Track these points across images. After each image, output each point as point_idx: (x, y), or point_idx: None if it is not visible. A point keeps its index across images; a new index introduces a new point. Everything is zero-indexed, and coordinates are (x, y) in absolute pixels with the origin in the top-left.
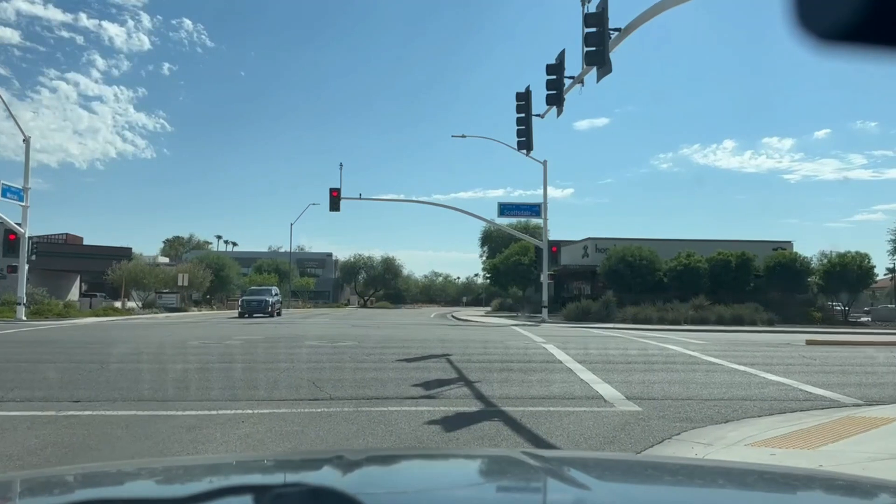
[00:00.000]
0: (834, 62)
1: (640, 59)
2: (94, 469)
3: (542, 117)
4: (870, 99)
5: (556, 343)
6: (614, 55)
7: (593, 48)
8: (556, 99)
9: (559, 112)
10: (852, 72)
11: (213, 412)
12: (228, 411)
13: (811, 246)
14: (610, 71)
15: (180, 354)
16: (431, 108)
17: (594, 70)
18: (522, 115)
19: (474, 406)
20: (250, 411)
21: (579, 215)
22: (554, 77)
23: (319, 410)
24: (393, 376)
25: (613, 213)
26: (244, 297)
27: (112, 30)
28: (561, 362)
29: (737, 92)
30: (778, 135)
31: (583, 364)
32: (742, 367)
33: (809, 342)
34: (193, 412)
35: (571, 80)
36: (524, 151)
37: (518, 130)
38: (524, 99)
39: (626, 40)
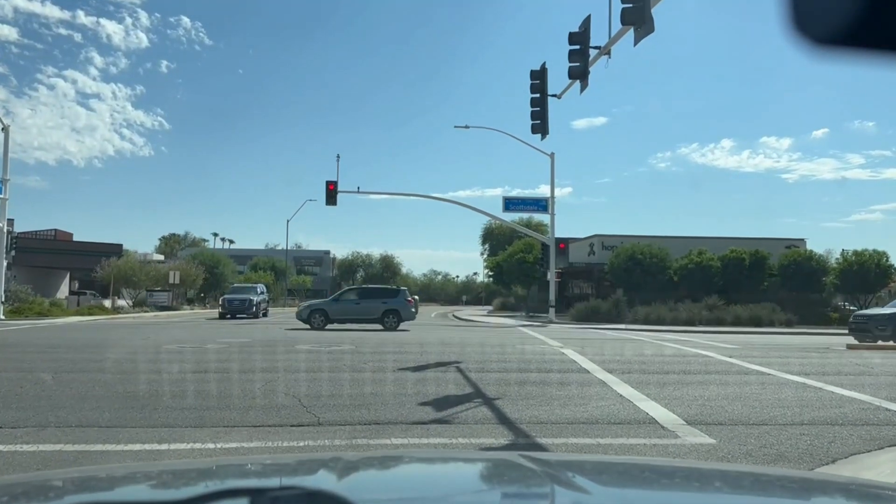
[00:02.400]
0: (830, 66)
1: (638, 58)
2: (90, 473)
3: (560, 97)
4: (868, 99)
5: (573, 347)
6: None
7: (631, 4)
8: (579, 72)
9: (583, 87)
10: (850, 72)
11: (164, 446)
12: (184, 445)
13: (809, 245)
14: (652, 30)
15: (149, 362)
16: (429, 106)
17: (624, 39)
18: (537, 94)
19: (502, 436)
20: (212, 445)
21: (577, 214)
22: (578, 47)
23: (303, 444)
24: (395, 390)
25: (612, 213)
26: (226, 297)
27: (110, 27)
28: (588, 371)
29: (735, 91)
30: (776, 134)
31: (613, 373)
32: (798, 378)
33: (851, 346)
34: (139, 446)
35: (597, 52)
36: (539, 136)
37: (532, 112)
38: (539, 77)
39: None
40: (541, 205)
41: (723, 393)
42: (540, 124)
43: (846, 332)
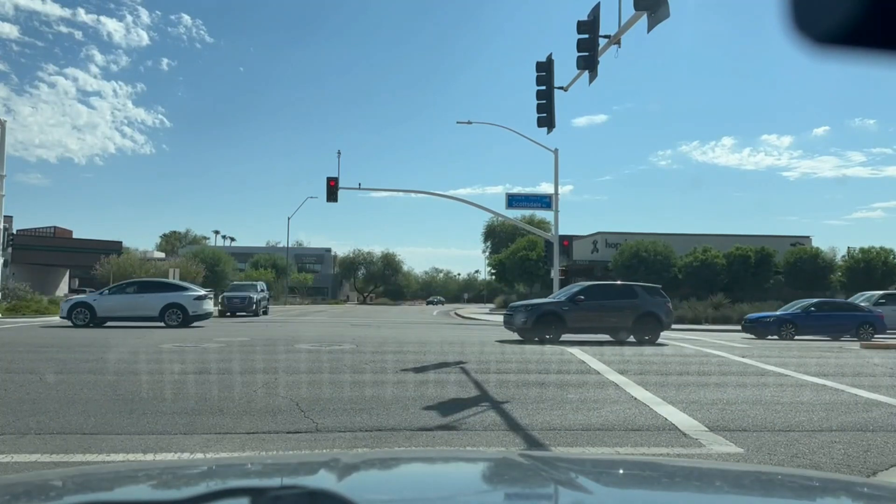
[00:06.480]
0: (831, 65)
1: (639, 56)
2: (90, 472)
3: (566, 90)
4: (868, 97)
5: (580, 346)
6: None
7: None
8: (588, 62)
9: (592, 78)
10: (851, 71)
11: (150, 456)
12: (170, 455)
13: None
14: (667, 16)
15: (143, 362)
16: (429, 104)
17: (633, 29)
18: (543, 87)
19: (513, 445)
20: (201, 455)
21: (579, 212)
22: (587, 36)
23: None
24: (398, 393)
25: (613, 210)
26: (225, 294)
27: (111, 25)
28: (598, 372)
29: (735, 89)
30: (777, 132)
31: (625, 375)
32: (816, 380)
33: (865, 346)
34: (122, 455)
35: (606, 41)
36: (545, 129)
37: (538, 105)
38: (545, 69)
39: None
40: (544, 201)
41: (742, 396)
42: (546, 117)
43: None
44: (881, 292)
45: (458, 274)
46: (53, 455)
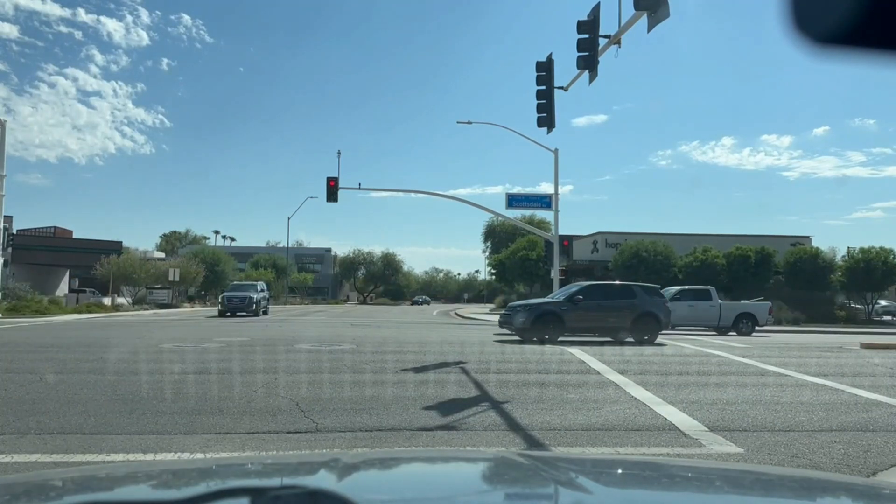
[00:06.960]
0: (831, 65)
1: (639, 56)
2: (90, 472)
3: (566, 89)
4: (869, 97)
5: (580, 346)
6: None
7: None
8: (589, 61)
9: (592, 78)
10: (851, 71)
11: (150, 456)
12: (171, 455)
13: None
14: (667, 16)
15: (143, 362)
16: (429, 104)
17: (633, 29)
18: (543, 87)
19: (513, 445)
20: (201, 455)
21: (579, 212)
22: (587, 36)
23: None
24: (398, 393)
25: (613, 210)
26: (225, 294)
27: (110, 25)
28: (598, 372)
29: (735, 89)
30: (776, 132)
31: (625, 375)
32: (816, 380)
33: (865, 346)
34: (122, 455)
35: (606, 40)
36: (545, 129)
37: (538, 105)
38: (545, 69)
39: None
40: (544, 201)
41: (742, 396)
42: (546, 117)
43: (857, 330)
44: (678, 288)
45: (458, 274)
46: (53, 455)
